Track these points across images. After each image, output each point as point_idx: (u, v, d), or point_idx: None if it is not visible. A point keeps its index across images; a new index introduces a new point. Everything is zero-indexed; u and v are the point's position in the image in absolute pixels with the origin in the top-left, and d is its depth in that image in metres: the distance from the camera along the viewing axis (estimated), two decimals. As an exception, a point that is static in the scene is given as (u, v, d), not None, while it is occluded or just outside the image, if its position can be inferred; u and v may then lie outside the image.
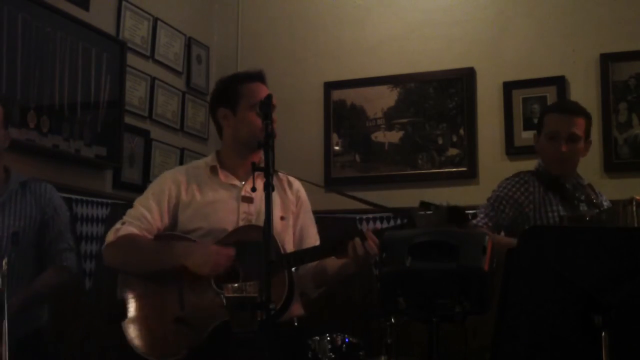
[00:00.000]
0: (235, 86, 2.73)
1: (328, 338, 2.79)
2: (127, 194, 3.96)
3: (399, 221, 2.58)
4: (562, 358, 1.91)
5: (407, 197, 4.16)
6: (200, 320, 2.47)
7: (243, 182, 2.72)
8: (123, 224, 2.63)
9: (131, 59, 4.05)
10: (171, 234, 2.66)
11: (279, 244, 2.54)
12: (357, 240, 2.46)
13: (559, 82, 4.10)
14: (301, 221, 2.81)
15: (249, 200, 2.67)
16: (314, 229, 2.85)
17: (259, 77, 2.79)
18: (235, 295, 2.13)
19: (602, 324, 1.80)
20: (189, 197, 2.67)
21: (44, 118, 3.39)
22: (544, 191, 2.93)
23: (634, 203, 2.58)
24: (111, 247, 2.61)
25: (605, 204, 3.08)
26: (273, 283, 2.43)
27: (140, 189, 4.10)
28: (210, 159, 2.80)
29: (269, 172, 2.10)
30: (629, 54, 4.00)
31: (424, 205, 2.34)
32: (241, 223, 2.63)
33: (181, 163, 4.45)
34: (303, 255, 2.60)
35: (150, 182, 4.16)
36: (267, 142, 2.15)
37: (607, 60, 4.03)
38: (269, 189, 2.07)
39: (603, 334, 1.80)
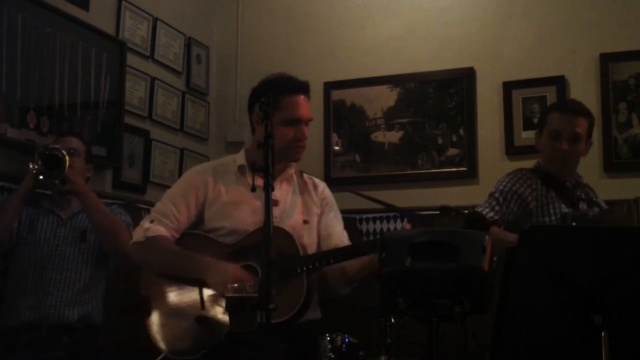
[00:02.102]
0: (276, 94, 2.65)
1: (328, 338, 2.79)
2: (126, 194, 3.97)
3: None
4: (562, 358, 1.91)
5: (407, 197, 4.17)
6: (219, 320, 2.48)
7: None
8: (152, 221, 2.65)
9: (131, 59, 4.05)
10: (197, 233, 2.67)
11: (299, 248, 2.53)
12: None
13: (559, 82, 4.10)
14: (326, 219, 2.79)
15: (274, 203, 2.67)
16: (340, 227, 2.82)
17: (303, 89, 2.73)
18: (235, 295, 2.13)
19: (602, 324, 1.80)
20: (215, 195, 2.68)
21: (44, 118, 3.39)
22: (546, 189, 2.93)
23: None
24: (139, 246, 2.64)
25: (602, 203, 3.08)
26: (291, 286, 2.44)
27: (140, 189, 4.11)
28: (239, 157, 2.78)
29: (268, 172, 2.10)
30: (628, 53, 4.00)
31: (444, 210, 2.32)
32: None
33: (181, 163, 4.46)
34: (327, 257, 2.58)
35: (150, 182, 4.17)
36: (267, 142, 2.15)
37: (607, 60, 4.03)
38: (268, 189, 2.08)
39: (603, 333, 1.80)
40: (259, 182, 2.68)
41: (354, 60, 4.57)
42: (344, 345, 2.79)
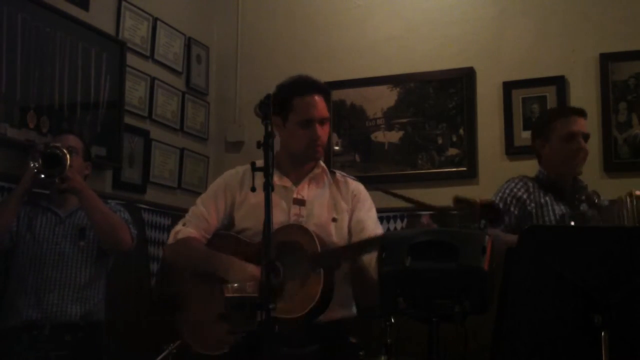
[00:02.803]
0: (289, 97, 2.68)
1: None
2: (127, 194, 3.97)
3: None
4: (562, 357, 1.91)
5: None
6: (240, 318, 2.49)
7: (295, 185, 2.73)
8: (184, 224, 2.76)
9: (131, 59, 4.05)
10: (226, 234, 2.75)
11: (318, 245, 2.52)
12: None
13: (559, 82, 4.10)
14: (357, 215, 2.77)
15: (300, 202, 2.70)
16: (372, 221, 2.79)
17: (315, 89, 2.73)
18: (235, 295, 2.13)
19: (602, 323, 1.80)
20: (242, 197, 2.73)
21: (44, 118, 3.39)
22: (544, 193, 2.97)
23: (634, 196, 2.62)
24: (170, 248, 2.78)
25: (605, 203, 3.09)
26: (308, 283, 2.44)
27: (140, 189, 4.11)
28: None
29: (268, 172, 2.10)
30: (628, 53, 4.00)
31: (458, 201, 2.31)
32: (283, 224, 2.64)
33: (181, 163, 4.46)
34: (345, 251, 2.59)
35: (150, 182, 4.18)
36: (266, 142, 2.15)
37: (607, 60, 4.03)
38: (268, 189, 2.08)
39: (603, 333, 1.80)
40: (284, 182, 2.71)
41: (354, 60, 4.57)
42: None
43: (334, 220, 2.71)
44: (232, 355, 2.51)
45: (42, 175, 2.99)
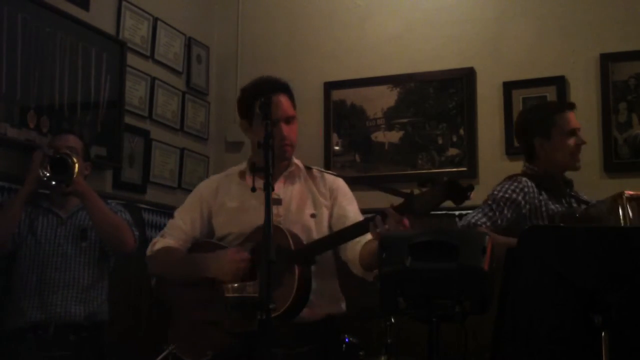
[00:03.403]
0: (252, 99, 2.68)
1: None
2: (127, 194, 3.97)
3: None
4: (562, 358, 1.91)
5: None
6: (230, 321, 2.51)
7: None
8: (162, 236, 2.80)
9: (131, 59, 4.05)
10: (205, 241, 2.77)
11: (291, 242, 2.53)
12: (378, 218, 2.43)
13: (559, 82, 4.10)
14: (337, 209, 2.79)
15: (277, 202, 2.70)
16: (353, 215, 2.79)
17: (278, 88, 2.72)
18: (235, 295, 2.13)
19: (602, 323, 1.80)
20: (219, 204, 2.76)
21: (44, 118, 3.39)
22: (539, 192, 2.95)
23: (624, 197, 2.60)
24: (149, 260, 2.80)
25: (590, 201, 3.07)
26: (284, 280, 2.45)
27: (140, 189, 4.12)
28: (242, 165, 2.85)
29: (268, 172, 2.11)
30: (628, 53, 4.00)
31: (422, 183, 2.33)
32: (258, 226, 2.64)
33: (181, 163, 4.46)
34: (316, 247, 2.59)
35: (150, 182, 4.18)
36: (267, 142, 2.16)
37: (607, 60, 4.03)
38: (268, 189, 2.08)
39: (603, 333, 1.80)
40: (257, 184, 2.70)
41: (354, 60, 4.57)
42: (344, 345, 2.79)
43: (313, 216, 2.72)
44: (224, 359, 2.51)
45: (53, 182, 3.00)
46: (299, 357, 2.55)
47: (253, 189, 2.31)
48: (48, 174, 3.01)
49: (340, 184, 2.86)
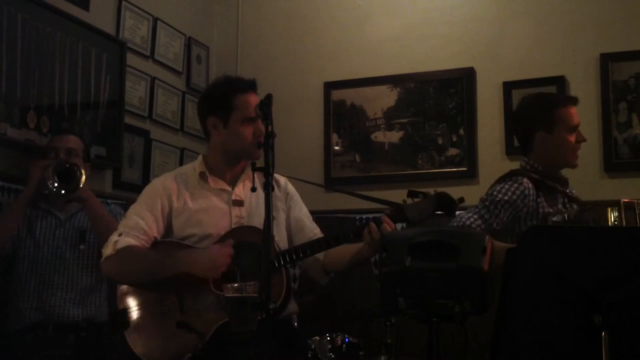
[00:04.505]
0: (227, 97, 2.66)
1: (328, 338, 2.79)
2: (127, 194, 3.97)
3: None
4: (562, 358, 1.91)
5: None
6: (201, 323, 2.48)
7: (232, 187, 2.73)
8: (120, 235, 2.61)
9: (131, 59, 4.05)
10: (168, 241, 2.66)
11: (275, 244, 2.55)
12: (373, 225, 2.48)
13: (559, 82, 4.10)
14: (294, 214, 2.81)
15: (239, 203, 2.69)
16: (308, 218, 2.84)
17: (252, 87, 2.72)
18: (236, 295, 2.13)
19: (602, 323, 1.80)
20: (181, 204, 2.67)
21: (44, 118, 3.39)
22: (536, 193, 2.89)
23: (622, 205, 2.56)
24: (110, 259, 2.59)
25: (579, 198, 3.03)
26: (272, 282, 2.45)
27: (140, 189, 4.09)
28: (197, 165, 2.78)
29: (268, 172, 2.11)
30: (628, 53, 4.00)
31: (412, 194, 2.37)
32: (234, 227, 2.64)
33: (181, 163, 4.45)
34: (304, 250, 2.60)
35: (150, 182, 4.17)
36: (267, 142, 2.15)
37: (607, 60, 4.03)
38: (268, 188, 2.08)
39: (603, 333, 1.80)
40: (220, 185, 2.70)
41: (354, 60, 4.57)
42: (344, 345, 2.80)
43: (272, 218, 2.71)
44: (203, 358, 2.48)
45: (63, 192, 3.00)
46: (260, 355, 2.53)
47: (253, 189, 2.31)
48: (56, 185, 3.00)
49: (292, 187, 2.88)
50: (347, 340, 2.83)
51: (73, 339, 3.04)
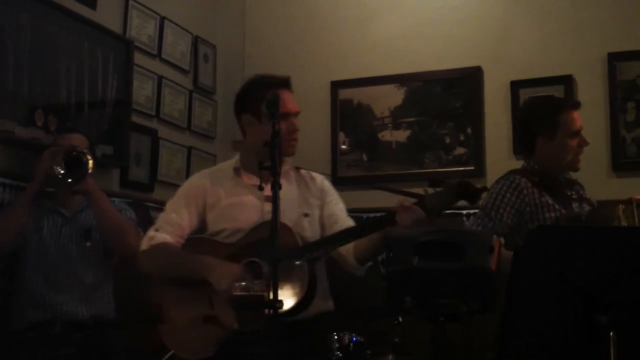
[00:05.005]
0: (260, 94, 2.68)
1: (335, 337, 2.78)
2: (134, 193, 3.98)
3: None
4: (568, 358, 1.91)
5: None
6: (228, 317, 2.49)
7: (265, 183, 2.73)
8: (156, 230, 2.72)
9: (138, 58, 4.05)
10: (200, 237, 2.73)
11: (298, 240, 2.54)
12: (400, 211, 2.42)
13: (566, 81, 4.09)
14: (328, 209, 2.80)
15: (272, 199, 2.69)
16: (343, 213, 2.82)
17: (285, 83, 2.77)
18: (243, 293, 2.13)
19: (609, 323, 1.80)
20: (214, 199, 2.74)
21: (51, 117, 3.40)
22: (539, 192, 2.89)
23: (634, 203, 2.56)
24: (145, 255, 2.70)
25: (592, 200, 3.03)
26: (293, 278, 2.45)
27: (147, 187, 4.12)
28: (234, 161, 2.85)
29: (275, 171, 2.11)
30: (636, 53, 3.99)
31: (433, 183, 2.34)
32: (261, 222, 2.64)
33: (188, 162, 4.46)
34: (326, 243, 2.59)
35: (157, 181, 4.18)
36: (273, 140, 2.16)
37: (615, 60, 4.02)
38: (275, 187, 2.09)
39: (611, 333, 1.80)
40: (254, 181, 2.71)
41: (361, 59, 4.57)
42: (351, 344, 2.79)
43: (306, 215, 2.73)
44: (218, 357, 2.50)
45: (70, 180, 3.00)
46: (288, 354, 2.54)
47: (260, 187, 2.31)
48: (62, 171, 3.00)
49: (328, 184, 2.89)
50: (354, 339, 2.83)
51: (79, 337, 3.04)
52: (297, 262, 2.48)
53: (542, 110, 3.07)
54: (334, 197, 2.86)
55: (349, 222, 2.81)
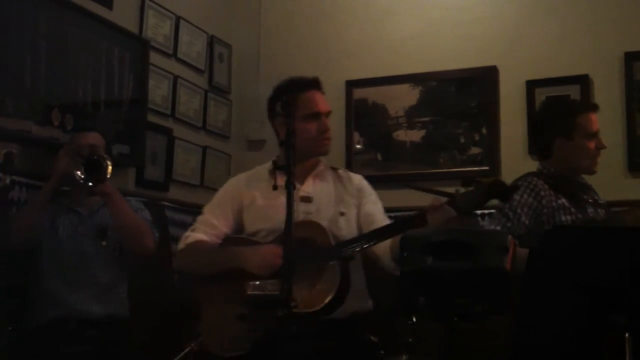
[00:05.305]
0: (292, 94, 2.72)
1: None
2: (149, 192, 4.00)
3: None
4: (583, 358, 1.90)
5: (428, 196, 4.15)
6: (260, 315, 2.51)
7: (300, 183, 2.77)
8: (193, 230, 2.81)
9: (154, 58, 4.07)
10: (236, 237, 2.79)
11: (331, 239, 2.55)
12: (431, 210, 2.41)
13: (583, 81, 4.06)
14: (365, 209, 2.81)
15: (307, 199, 2.74)
16: (380, 213, 2.84)
17: (314, 85, 2.81)
18: (256, 292, 2.14)
19: (624, 324, 1.79)
20: (249, 200, 2.79)
21: (68, 116, 3.42)
22: (555, 195, 2.87)
23: None
24: (181, 253, 2.82)
25: (604, 204, 3.01)
26: (324, 277, 2.46)
27: (162, 187, 4.14)
28: (269, 164, 2.86)
29: (290, 171, 2.12)
30: (654, 52, 3.96)
31: (466, 182, 2.32)
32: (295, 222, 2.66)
33: (203, 161, 4.48)
34: (359, 242, 2.58)
35: (173, 180, 4.21)
36: (288, 140, 2.17)
37: (631, 59, 3.99)
38: (289, 187, 2.09)
39: (627, 334, 1.79)
40: (284, 181, 2.71)
41: (376, 58, 4.57)
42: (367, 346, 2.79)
43: (342, 214, 2.74)
44: (251, 354, 2.53)
45: (90, 184, 3.03)
46: (323, 353, 2.56)
47: (275, 187, 2.32)
48: (83, 176, 3.03)
49: (366, 184, 2.90)
50: (363, 336, 2.83)
51: (94, 334, 3.06)
52: (330, 262, 2.49)
53: (559, 110, 3.06)
54: (372, 197, 2.87)
55: (386, 222, 2.80)
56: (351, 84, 4.58)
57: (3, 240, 2.95)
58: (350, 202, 2.79)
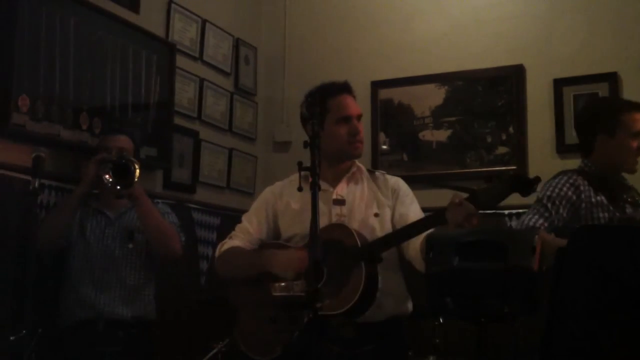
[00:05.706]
0: (323, 99, 2.73)
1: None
2: (176, 194, 4.02)
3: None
4: (613, 359, 1.87)
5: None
6: (290, 318, 2.54)
7: (333, 186, 2.78)
8: (230, 238, 2.87)
9: (180, 61, 4.10)
10: (271, 242, 2.83)
11: (357, 240, 2.54)
12: (452, 207, 2.33)
13: (611, 79, 4.01)
14: (400, 210, 2.80)
15: (340, 202, 2.74)
16: (415, 214, 2.79)
17: (345, 89, 2.82)
18: (282, 294, 2.14)
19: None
20: (284, 206, 2.82)
21: (96, 119, 3.46)
22: (594, 192, 2.86)
23: None
24: (217, 260, 2.87)
25: None
26: (351, 278, 2.46)
27: (189, 189, 4.17)
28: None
29: (315, 172, 2.11)
30: (684, 48, 3.91)
31: (487, 178, 2.30)
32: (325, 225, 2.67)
33: (230, 163, 4.50)
34: (385, 242, 2.58)
35: (199, 182, 4.23)
36: (313, 142, 2.17)
37: (662, 56, 3.94)
38: (315, 188, 2.09)
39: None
40: (322, 186, 2.72)
41: (401, 58, 4.55)
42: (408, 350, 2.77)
43: (376, 215, 2.73)
44: (284, 357, 2.54)
45: (118, 187, 3.07)
46: (360, 357, 2.55)
47: (300, 189, 2.32)
48: (111, 180, 3.07)
49: (402, 184, 2.89)
50: (403, 338, 2.82)
51: (123, 335, 3.10)
52: (356, 264, 2.49)
53: (604, 108, 3.07)
54: (408, 198, 2.84)
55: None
56: (377, 85, 4.57)
57: (32, 242, 2.99)
58: (384, 203, 2.78)
